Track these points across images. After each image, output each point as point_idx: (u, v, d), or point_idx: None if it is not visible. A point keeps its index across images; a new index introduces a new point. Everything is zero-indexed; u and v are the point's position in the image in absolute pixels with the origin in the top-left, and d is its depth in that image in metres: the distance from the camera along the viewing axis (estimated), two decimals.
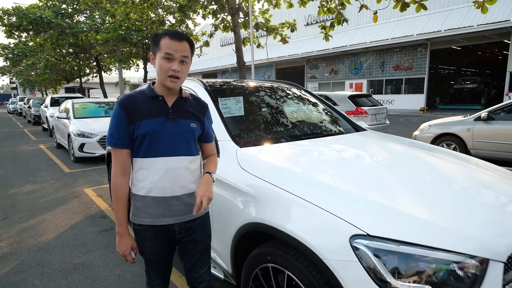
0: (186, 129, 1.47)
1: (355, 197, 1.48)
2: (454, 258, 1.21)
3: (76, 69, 20.62)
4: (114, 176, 1.44)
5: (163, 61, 1.37)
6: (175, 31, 1.41)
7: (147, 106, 1.42)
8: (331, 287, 1.32)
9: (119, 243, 1.47)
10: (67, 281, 2.60)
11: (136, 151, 1.44)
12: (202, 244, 1.59)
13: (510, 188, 1.73)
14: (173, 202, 1.45)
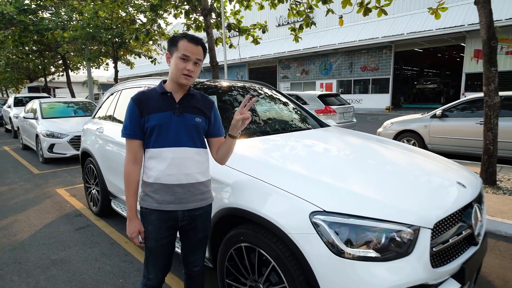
0: (190, 123, 1.60)
1: (315, 181, 1.73)
2: (394, 227, 1.47)
3: (40, 67, 19.69)
4: (127, 164, 1.59)
5: (180, 61, 1.52)
6: (193, 35, 1.56)
7: (157, 101, 1.58)
8: (295, 257, 1.55)
9: (128, 226, 1.61)
10: (46, 275, 2.66)
11: (147, 142, 1.59)
12: (203, 232, 1.70)
13: (441, 171, 2.05)
14: (178, 190, 1.57)
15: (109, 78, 47.21)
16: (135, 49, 13.67)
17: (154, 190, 1.58)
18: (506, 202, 3.76)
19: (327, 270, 1.45)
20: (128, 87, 3.56)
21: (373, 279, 1.40)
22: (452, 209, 1.62)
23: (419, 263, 1.45)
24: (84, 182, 4.23)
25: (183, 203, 1.59)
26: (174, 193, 1.57)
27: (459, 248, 1.67)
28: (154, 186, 1.57)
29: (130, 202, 1.61)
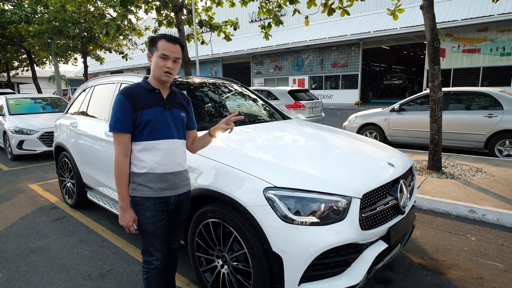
0: (178, 118, 1.78)
1: (269, 163, 2.05)
2: (332, 198, 1.82)
3: (3, 62, 18.79)
4: (117, 157, 1.66)
5: (160, 60, 1.65)
6: (171, 35, 1.70)
7: (146, 97, 1.70)
8: (252, 227, 1.85)
9: (122, 216, 1.70)
10: (27, 261, 2.82)
11: (139, 135, 1.68)
12: (185, 214, 1.92)
13: (375, 154, 2.44)
14: (171, 177, 1.74)
15: (77, 73, 45.43)
16: (105, 44, 13.45)
17: (148, 179, 1.70)
18: (446, 185, 4.28)
19: (278, 235, 1.77)
20: (101, 83, 3.72)
21: (315, 240, 1.74)
22: (379, 183, 1.99)
23: (351, 226, 1.81)
24: (58, 176, 4.33)
25: (175, 188, 1.77)
26: (168, 181, 1.73)
27: (386, 216, 2.04)
28: (148, 176, 1.70)
29: (123, 194, 1.69)
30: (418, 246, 2.94)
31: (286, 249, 1.74)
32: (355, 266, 1.87)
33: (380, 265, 2.02)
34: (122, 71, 37.77)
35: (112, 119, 1.66)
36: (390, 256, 2.11)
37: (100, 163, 3.29)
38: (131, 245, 3.07)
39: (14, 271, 2.67)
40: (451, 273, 2.51)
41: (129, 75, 3.27)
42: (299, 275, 1.74)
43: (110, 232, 3.37)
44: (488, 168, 5.01)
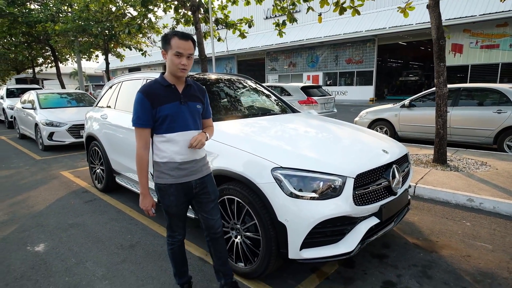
0: (194, 110, 1.92)
1: (277, 147, 2.39)
2: (329, 178, 2.13)
3: (29, 59, 19.73)
4: (138, 150, 1.85)
5: (174, 57, 1.77)
6: (183, 33, 1.79)
7: (163, 93, 1.84)
8: (261, 201, 2.18)
9: (142, 201, 1.91)
10: (67, 234, 3.25)
11: (158, 129, 1.85)
12: (214, 194, 2.03)
13: (372, 142, 2.72)
14: (189, 165, 1.91)
15: (96, 70, 46.80)
16: (126, 42, 14.00)
17: (169, 168, 1.88)
18: (449, 177, 4.49)
19: (283, 207, 2.09)
20: (129, 79, 4.12)
21: (314, 211, 2.06)
22: (371, 166, 2.29)
23: (346, 202, 2.11)
24: (89, 163, 4.78)
25: (194, 174, 1.94)
26: (186, 168, 1.91)
27: (379, 195, 2.34)
28: (169, 165, 1.88)
29: (143, 182, 1.88)
30: (414, 229, 3.21)
31: (290, 218, 2.06)
32: (349, 236, 2.18)
33: (373, 238, 2.32)
34: (140, 68, 38.69)
35: (133, 115, 1.83)
36: (383, 231, 2.41)
37: (128, 150, 3.70)
38: (155, 223, 3.46)
39: (57, 241, 3.10)
40: (442, 252, 2.78)
41: (154, 71, 3.64)
42: (300, 241, 2.06)
43: (137, 212, 3.77)
44: (493, 162, 5.17)
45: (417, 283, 2.35)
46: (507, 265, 2.56)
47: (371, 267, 2.57)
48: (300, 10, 21.89)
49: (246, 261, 2.39)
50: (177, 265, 2.14)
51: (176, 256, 2.10)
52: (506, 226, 3.24)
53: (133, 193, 4.34)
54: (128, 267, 2.63)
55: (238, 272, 2.42)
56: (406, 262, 2.63)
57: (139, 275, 2.52)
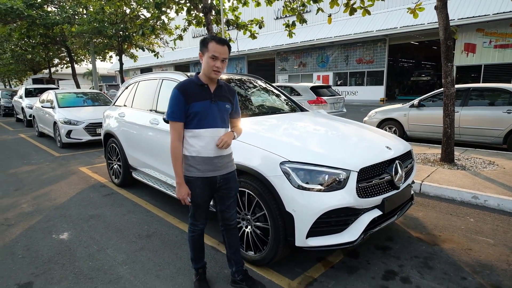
0: (223, 109, 2.06)
1: (286, 143, 2.55)
2: (334, 171, 2.27)
3: (46, 60, 20.35)
4: (173, 142, 1.99)
5: (210, 60, 1.92)
6: (220, 38, 1.95)
7: (197, 91, 1.99)
8: (270, 193, 2.34)
9: (178, 190, 2.04)
10: (88, 224, 3.48)
11: (189, 124, 1.99)
12: (234, 191, 2.18)
13: (376, 139, 2.85)
14: (216, 160, 2.04)
15: (109, 70, 47.67)
16: (139, 43, 14.34)
17: (197, 162, 2.02)
18: (455, 175, 4.57)
19: (290, 198, 2.25)
20: (145, 79, 4.33)
21: (319, 202, 2.21)
22: (374, 161, 2.42)
23: (350, 194, 2.26)
24: (106, 159, 5.02)
25: (219, 169, 2.07)
26: (213, 163, 2.04)
27: (382, 189, 2.47)
28: (197, 159, 2.02)
29: (178, 172, 2.02)
30: (418, 224, 3.32)
31: (297, 209, 2.22)
32: (353, 227, 2.32)
33: (376, 229, 2.46)
34: (151, 68, 39.27)
35: (168, 110, 2.00)
36: (385, 223, 2.54)
37: (144, 147, 3.90)
38: (170, 215, 3.66)
39: (79, 230, 3.33)
40: (444, 245, 2.89)
41: (171, 72, 3.83)
42: (307, 230, 2.22)
43: (152, 205, 3.98)
44: (501, 162, 5.21)
45: (418, 273, 2.47)
46: (507, 258, 2.66)
47: (375, 258, 2.70)
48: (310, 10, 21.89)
49: (256, 249, 2.56)
50: (195, 251, 2.29)
51: (196, 243, 2.26)
52: (509, 222, 3.32)
53: (148, 188, 4.56)
54: (146, 254, 2.82)
55: (248, 260, 2.58)
56: (409, 254, 2.75)
57: (156, 261, 2.71)
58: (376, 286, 2.32)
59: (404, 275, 2.45)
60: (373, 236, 3.09)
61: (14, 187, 4.84)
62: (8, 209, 3.95)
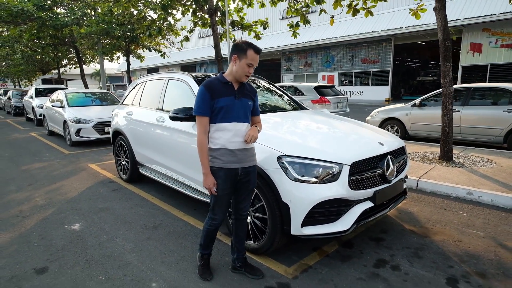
0: (245, 105, 2.21)
1: (283, 138, 2.72)
2: (328, 165, 2.43)
3: (54, 60, 20.78)
4: (199, 135, 2.14)
5: (246, 66, 2.10)
6: (257, 47, 2.11)
7: (221, 88, 2.15)
8: (268, 185, 2.51)
9: (205, 180, 2.17)
10: (98, 216, 3.68)
11: (214, 118, 2.14)
12: (252, 184, 2.31)
13: (369, 135, 3.00)
14: (239, 153, 2.18)
15: (116, 70, 48.22)
16: (146, 44, 14.61)
17: (221, 154, 2.16)
18: (452, 172, 4.68)
19: (286, 190, 2.41)
20: (152, 79, 4.53)
21: (313, 193, 2.36)
22: (366, 156, 2.57)
23: (342, 186, 2.41)
24: (114, 156, 5.23)
25: (242, 162, 2.20)
26: (236, 155, 2.17)
27: (374, 182, 2.62)
28: (221, 151, 2.16)
29: (205, 163, 2.16)
30: (412, 218, 3.46)
31: (292, 199, 2.38)
32: (345, 217, 2.48)
33: (369, 220, 2.61)
34: (158, 69, 39.68)
35: (195, 105, 2.14)
36: (377, 215, 2.69)
37: (152, 144, 4.10)
38: (175, 209, 3.84)
39: (90, 222, 3.53)
40: (435, 237, 3.03)
41: (176, 72, 4.02)
42: (301, 219, 2.37)
43: (158, 200, 4.17)
44: (499, 160, 5.30)
45: (407, 262, 2.62)
46: (494, 249, 2.79)
47: (368, 248, 2.85)
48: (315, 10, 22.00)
49: (255, 238, 2.72)
50: (206, 240, 2.43)
51: (210, 234, 2.40)
52: (501, 217, 3.44)
53: (155, 183, 4.75)
54: (152, 243, 3.00)
55: (248, 249, 2.74)
56: (400, 245, 2.89)
57: (162, 249, 2.89)
58: (367, 273, 2.47)
59: (394, 263, 2.60)
60: (368, 228, 3.24)
61: (27, 182, 5.07)
62: (22, 202, 4.17)
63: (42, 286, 2.40)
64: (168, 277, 2.47)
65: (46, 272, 2.58)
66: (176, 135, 3.57)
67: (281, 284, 2.35)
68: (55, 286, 2.39)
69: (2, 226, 3.47)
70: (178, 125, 3.44)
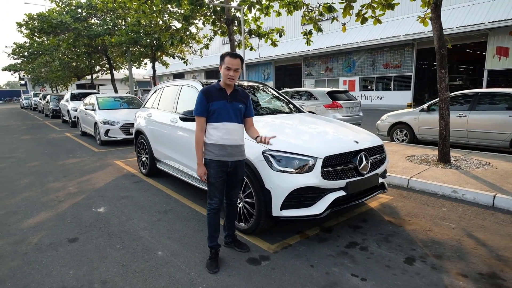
0: (236, 108, 2.58)
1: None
2: (305, 158, 2.89)
3: (88, 67, 22.38)
4: (196, 132, 2.55)
5: (225, 70, 2.49)
6: (233, 52, 2.51)
7: (216, 94, 2.55)
8: (255, 175, 2.99)
9: (198, 170, 2.59)
10: (120, 202, 4.31)
11: (210, 118, 2.54)
12: (241, 175, 2.71)
13: (348, 134, 3.41)
14: (229, 148, 2.56)
15: (145, 76, 50.45)
16: (170, 51, 15.55)
17: (214, 148, 2.55)
18: (444, 173, 4.95)
19: (269, 178, 2.89)
20: (169, 86, 5.16)
21: (291, 181, 2.83)
22: (339, 151, 3.00)
23: (316, 176, 2.86)
24: (136, 153, 5.91)
25: (231, 156, 2.59)
26: (227, 150, 2.56)
27: (346, 174, 3.04)
28: (214, 146, 2.55)
29: (199, 155, 2.57)
30: (394, 211, 3.81)
31: (273, 186, 2.86)
32: (319, 203, 2.92)
33: (341, 207, 3.04)
34: (183, 74, 41.19)
35: (195, 107, 2.57)
36: (351, 203, 3.11)
37: (167, 141, 4.70)
38: (185, 198, 4.41)
39: (113, 206, 4.16)
40: (409, 227, 3.38)
41: (188, 80, 4.62)
42: (280, 202, 2.84)
43: (172, 191, 4.76)
44: (497, 163, 5.48)
45: (376, 244, 3.01)
46: (460, 238, 3.12)
47: (345, 233, 3.26)
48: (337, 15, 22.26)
49: (245, 221, 3.21)
50: (210, 229, 2.71)
51: (211, 221, 2.70)
52: (478, 213, 3.72)
53: (170, 177, 5.36)
54: (162, 224, 3.57)
55: (240, 230, 3.24)
56: (375, 231, 3.28)
57: (169, 228, 3.45)
58: (337, 251, 2.90)
59: (364, 245, 3.00)
60: (350, 218, 3.64)
61: (63, 174, 5.84)
62: (58, 190, 4.90)
63: (73, 250, 3.01)
64: (171, 248, 3.02)
65: (76, 241, 3.20)
66: (185, 133, 4.14)
67: (262, 257, 2.83)
68: (83, 251, 3.00)
69: (43, 207, 4.17)
70: (187, 124, 4.01)
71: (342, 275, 2.53)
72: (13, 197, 4.60)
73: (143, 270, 2.65)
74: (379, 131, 9.00)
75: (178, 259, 2.81)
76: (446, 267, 2.62)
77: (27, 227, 3.56)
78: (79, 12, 16.43)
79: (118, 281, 2.51)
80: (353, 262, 2.71)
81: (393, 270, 2.58)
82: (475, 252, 2.85)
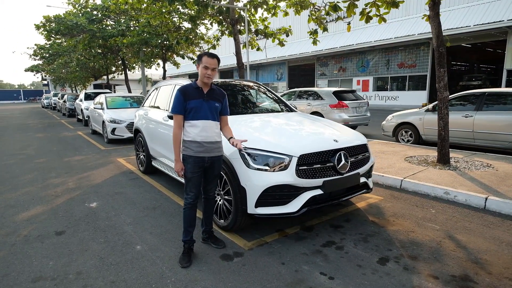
0: (212, 106, 2.66)
1: (247, 134, 3.21)
2: (280, 156, 2.90)
3: (103, 67, 23.00)
4: (174, 129, 2.63)
5: (203, 69, 2.58)
6: (210, 53, 2.60)
7: (193, 92, 2.62)
8: (232, 172, 3.03)
9: (175, 166, 2.65)
10: (113, 198, 4.44)
11: (187, 116, 2.62)
12: (217, 171, 2.78)
13: (329, 133, 3.38)
14: (206, 145, 2.63)
15: (161, 76, 51.47)
16: (180, 52, 15.78)
17: (191, 144, 2.63)
18: (440, 174, 4.82)
19: (244, 176, 2.91)
20: (164, 85, 5.26)
21: (265, 179, 2.85)
22: (315, 150, 2.99)
23: (290, 174, 2.87)
24: (135, 151, 6.05)
25: (208, 152, 2.66)
26: (203, 146, 2.64)
27: (323, 173, 3.03)
28: (191, 142, 2.63)
29: (176, 151, 2.64)
30: (380, 212, 3.76)
31: (248, 184, 2.88)
32: (295, 201, 2.92)
33: (318, 206, 3.03)
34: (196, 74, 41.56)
35: (172, 106, 2.65)
36: (328, 203, 3.09)
37: (160, 139, 4.80)
38: (175, 195, 4.49)
39: (105, 202, 4.29)
40: (391, 227, 3.33)
41: (181, 79, 4.70)
42: (255, 200, 2.87)
43: (164, 188, 4.85)
44: (499, 165, 5.30)
45: (353, 244, 2.99)
46: (440, 240, 3.05)
47: (324, 232, 3.25)
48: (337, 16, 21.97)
49: (224, 218, 3.25)
50: (185, 223, 2.75)
51: (186, 216, 2.74)
52: (467, 215, 3.62)
53: (165, 175, 5.46)
54: (147, 220, 3.66)
55: (220, 226, 3.29)
56: (355, 232, 3.25)
57: (153, 224, 3.53)
58: (312, 250, 2.89)
59: (340, 245, 2.98)
60: (334, 217, 3.62)
61: (65, 171, 6.06)
62: (58, 186, 5.09)
63: (58, 243, 3.13)
64: (150, 242, 3.09)
65: (63, 234, 3.33)
66: None
67: (236, 253, 2.86)
68: (67, 244, 3.12)
69: (39, 201, 4.35)
70: None
71: (310, 273, 2.53)
72: (15, 192, 4.81)
73: (118, 263, 2.73)
74: (384, 131, 8.86)
75: (154, 254, 2.88)
76: (419, 268, 2.57)
77: (21, 220, 3.72)
78: (95, 14, 16.91)
79: (92, 272, 2.60)
80: (325, 261, 2.70)
81: (364, 270, 2.56)
82: (453, 254, 2.78)
